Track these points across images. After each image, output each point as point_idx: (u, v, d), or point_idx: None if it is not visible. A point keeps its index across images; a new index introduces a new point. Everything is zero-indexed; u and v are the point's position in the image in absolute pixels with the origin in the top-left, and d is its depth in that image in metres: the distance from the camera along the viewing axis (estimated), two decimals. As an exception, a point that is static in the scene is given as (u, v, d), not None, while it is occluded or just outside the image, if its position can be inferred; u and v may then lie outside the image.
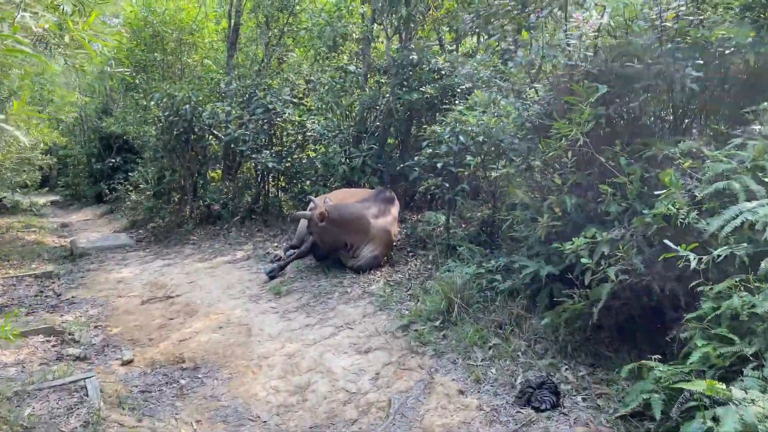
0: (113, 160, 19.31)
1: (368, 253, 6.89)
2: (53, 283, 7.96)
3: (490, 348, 4.35)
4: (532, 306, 4.78)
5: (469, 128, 5.78)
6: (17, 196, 18.12)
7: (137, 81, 12.27)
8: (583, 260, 4.07)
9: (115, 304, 7.06)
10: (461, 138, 5.95)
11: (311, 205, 7.74)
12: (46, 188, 27.75)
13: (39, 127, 11.37)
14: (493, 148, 6.17)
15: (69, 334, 6.01)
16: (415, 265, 6.76)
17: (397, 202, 7.46)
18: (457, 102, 8.76)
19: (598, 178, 4.63)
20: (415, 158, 8.19)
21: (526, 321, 4.60)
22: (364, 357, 4.60)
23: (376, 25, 9.71)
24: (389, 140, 10.27)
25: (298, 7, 11.68)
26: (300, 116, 9.86)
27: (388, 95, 9.44)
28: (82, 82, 20.93)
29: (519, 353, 4.24)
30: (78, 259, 9.67)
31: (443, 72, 9.12)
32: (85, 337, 5.97)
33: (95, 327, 6.35)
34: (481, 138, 5.87)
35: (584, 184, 4.70)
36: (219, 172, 12.91)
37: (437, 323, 4.79)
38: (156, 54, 12.23)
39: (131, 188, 14.12)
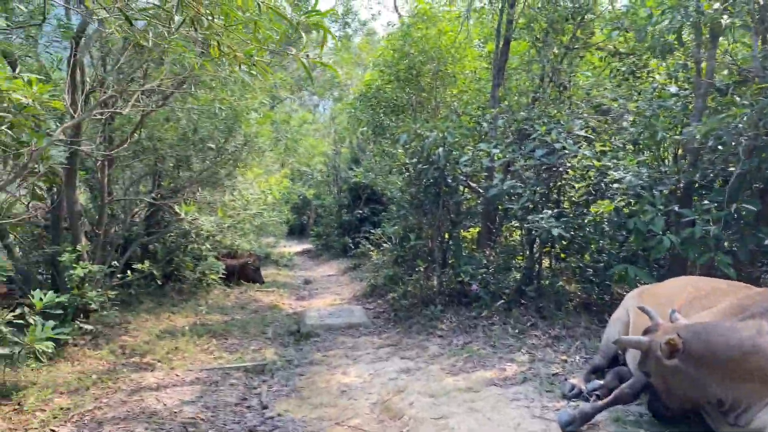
0: (361, 212, 18.62)
1: (773, 420, 3.58)
2: (264, 383, 6.20)
3: None
4: None
5: None
6: (268, 247, 18.27)
7: (387, 123, 10.66)
8: None
9: (329, 439, 4.90)
10: None
11: (630, 315, 4.74)
12: (303, 237, 29.15)
13: (278, 178, 10.36)
14: None
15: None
16: None
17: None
18: None
19: None
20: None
21: None
22: None
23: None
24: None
25: (589, 16, 8.88)
26: (598, 159, 6.93)
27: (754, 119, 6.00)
28: (339, 128, 20.96)
29: None
30: (303, 342, 8.00)
31: None
32: None
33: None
34: None
35: None
36: (472, 231, 10.56)
37: None
38: (409, 91, 10.53)
39: (373, 247, 12.64)
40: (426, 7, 10.58)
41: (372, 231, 13.67)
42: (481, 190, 8.68)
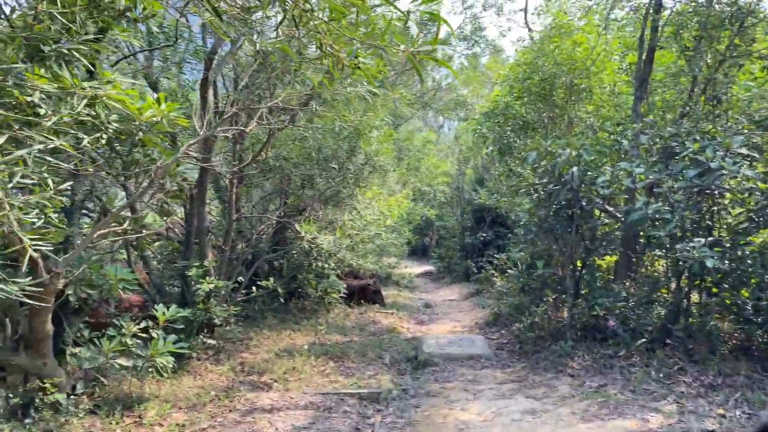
0: (484, 235, 18.04)
1: None
2: (378, 413, 5.91)
3: None
4: None
5: None
6: (389, 268, 18.19)
7: (514, 141, 10.11)
8: None
9: (444, 484, 4.48)
10: None
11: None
12: (425, 258, 28.95)
13: (399, 198, 10.15)
14: None
15: None
16: None
17: None
18: None
19: None
20: None
21: None
22: None
23: None
24: None
25: (750, 20, 7.84)
26: (763, 181, 5.98)
27: None
28: (463, 148, 20.55)
29: None
30: (420, 370, 7.66)
31: None
32: None
33: None
34: None
35: None
36: (608, 259, 9.66)
37: None
38: (540, 107, 9.92)
39: (496, 272, 12.06)
40: (563, 17, 9.96)
41: (496, 255, 13.09)
42: (619, 215, 7.89)
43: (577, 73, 9.57)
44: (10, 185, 2.86)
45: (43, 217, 3.26)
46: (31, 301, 4.65)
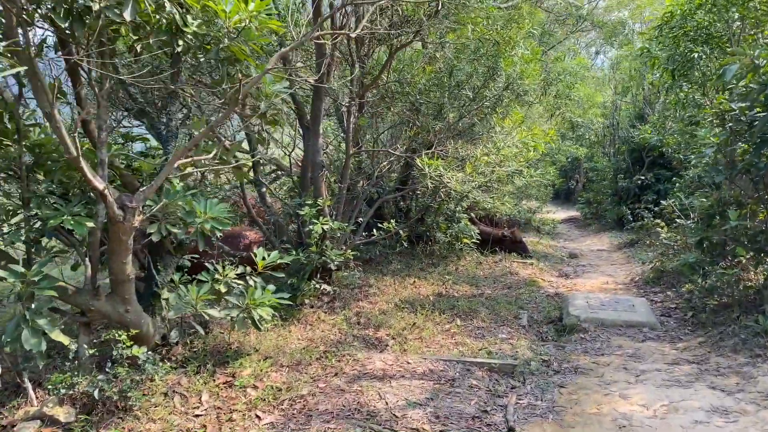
0: (642, 177, 15.82)
1: None
2: (512, 390, 4.84)
3: None
4: None
5: None
6: (529, 212, 16.65)
7: (698, 56, 8.02)
8: None
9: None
10: None
11: None
12: (568, 203, 26.81)
13: (543, 130, 8.60)
14: None
15: None
16: None
17: None
18: None
19: None
20: None
21: None
22: None
23: None
24: None
25: None
26: None
27: None
28: (623, 76, 17.85)
29: None
30: (565, 337, 6.45)
31: None
32: None
33: None
34: None
35: None
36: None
37: None
38: (730, 13, 7.78)
39: (661, 222, 10.22)
40: None
41: (661, 201, 11.15)
42: None
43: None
44: None
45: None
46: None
